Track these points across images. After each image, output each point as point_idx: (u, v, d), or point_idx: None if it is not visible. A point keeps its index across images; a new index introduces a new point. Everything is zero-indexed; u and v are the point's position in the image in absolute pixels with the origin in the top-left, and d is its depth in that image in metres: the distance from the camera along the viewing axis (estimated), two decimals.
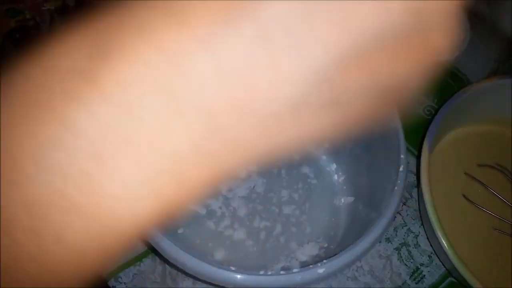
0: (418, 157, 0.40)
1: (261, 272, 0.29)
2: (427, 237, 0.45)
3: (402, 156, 0.34)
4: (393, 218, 0.33)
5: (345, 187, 0.46)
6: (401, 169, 0.34)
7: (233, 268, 0.29)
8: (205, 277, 0.30)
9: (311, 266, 0.29)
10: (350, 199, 0.45)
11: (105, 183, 0.12)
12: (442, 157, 0.46)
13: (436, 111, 0.43)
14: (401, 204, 0.47)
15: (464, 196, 0.44)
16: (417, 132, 0.49)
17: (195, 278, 0.40)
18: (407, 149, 0.50)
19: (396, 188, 0.33)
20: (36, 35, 0.50)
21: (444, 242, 0.37)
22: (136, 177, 0.12)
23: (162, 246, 0.31)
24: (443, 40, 0.14)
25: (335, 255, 0.30)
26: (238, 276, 0.29)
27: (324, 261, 0.30)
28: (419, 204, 0.46)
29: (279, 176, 0.46)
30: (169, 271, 0.40)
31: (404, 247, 0.45)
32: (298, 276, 0.29)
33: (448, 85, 0.55)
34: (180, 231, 0.42)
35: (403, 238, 0.46)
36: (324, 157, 0.48)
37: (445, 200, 0.45)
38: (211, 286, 0.40)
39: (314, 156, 0.48)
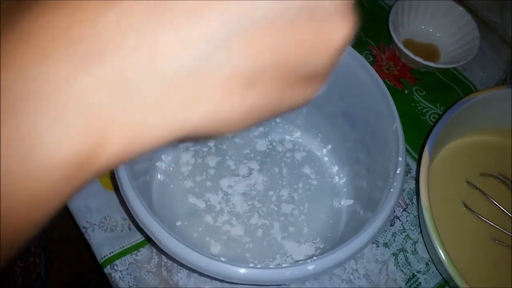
0: (419, 163, 0.40)
1: (251, 265, 0.29)
2: (425, 245, 0.45)
3: (400, 158, 0.34)
4: (387, 220, 0.33)
5: (345, 189, 0.46)
6: (398, 171, 0.34)
7: (223, 259, 0.29)
8: (188, 263, 0.30)
9: (301, 262, 0.30)
10: (350, 201, 0.45)
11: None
12: (444, 165, 0.46)
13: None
14: (401, 209, 0.47)
15: (464, 204, 0.44)
16: (421, 138, 0.49)
17: (190, 270, 0.41)
18: (411, 155, 0.50)
19: (392, 190, 0.33)
20: None
21: (440, 251, 0.37)
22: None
23: (160, 238, 0.31)
24: (337, 29, 0.15)
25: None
26: (227, 266, 0.29)
27: (315, 258, 0.30)
28: (418, 211, 0.46)
29: (280, 175, 0.46)
30: (165, 262, 0.41)
31: (401, 253, 0.45)
32: (288, 271, 0.30)
33: (455, 93, 0.55)
34: (178, 223, 0.42)
35: (401, 244, 0.46)
36: (326, 159, 0.48)
37: (445, 208, 0.44)
38: (205, 278, 0.40)
39: (317, 157, 0.48)
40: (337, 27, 0.15)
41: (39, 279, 0.51)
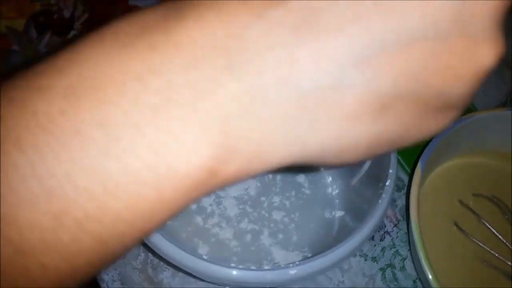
0: (412, 178, 0.40)
1: (232, 265, 0.29)
2: (413, 262, 0.45)
3: (390, 170, 0.34)
4: (373, 231, 0.33)
5: (337, 201, 0.46)
6: (387, 183, 0.34)
7: (204, 257, 0.29)
8: (176, 262, 0.30)
9: (283, 265, 0.30)
10: (341, 213, 0.45)
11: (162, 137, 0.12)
12: (437, 183, 0.46)
13: None
14: (392, 225, 0.47)
15: (455, 224, 0.44)
16: (415, 155, 0.49)
17: (175, 269, 0.41)
18: (406, 171, 0.50)
19: (380, 201, 0.33)
20: (58, 20, 0.52)
21: (426, 268, 0.37)
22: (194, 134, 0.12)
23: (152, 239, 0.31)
24: (488, 48, 0.13)
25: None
26: (209, 265, 0.29)
27: (297, 262, 0.30)
28: (408, 227, 0.46)
29: (274, 181, 0.47)
30: (151, 260, 0.41)
31: (389, 268, 0.45)
32: (269, 274, 0.30)
33: None
34: (168, 222, 0.42)
35: (390, 260, 0.45)
36: (321, 169, 0.48)
37: (436, 226, 0.44)
38: (190, 278, 0.40)
39: (312, 167, 0.48)
40: (487, 51, 0.13)
41: None
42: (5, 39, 0.49)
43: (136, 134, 0.12)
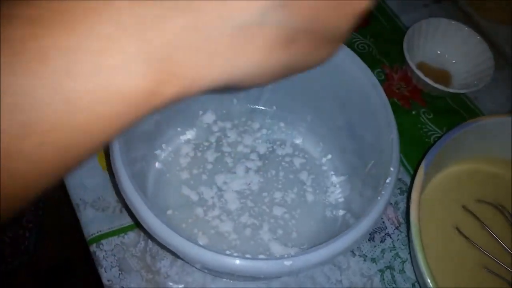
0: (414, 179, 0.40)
1: (227, 252, 0.29)
2: (412, 265, 0.44)
3: (392, 169, 0.34)
4: (370, 227, 0.33)
5: (339, 200, 0.46)
6: (388, 180, 0.34)
7: (200, 243, 0.29)
8: (176, 250, 0.31)
9: (278, 256, 0.30)
10: (342, 212, 0.45)
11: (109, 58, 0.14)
12: (440, 188, 0.46)
13: None
14: (394, 227, 0.47)
15: (457, 229, 0.44)
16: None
17: (173, 258, 0.41)
18: (410, 174, 0.50)
19: (379, 198, 0.33)
20: None
21: (424, 270, 0.36)
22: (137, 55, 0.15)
23: (150, 223, 0.31)
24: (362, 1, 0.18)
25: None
26: (205, 252, 0.29)
27: (292, 253, 0.30)
28: (408, 230, 0.45)
29: (277, 178, 0.47)
30: (150, 248, 0.41)
31: (388, 270, 0.45)
32: (264, 264, 0.30)
33: (463, 119, 0.54)
34: (169, 212, 0.43)
35: (389, 262, 0.45)
36: (324, 168, 0.48)
37: (437, 230, 0.44)
38: (187, 267, 0.41)
39: (315, 165, 0.48)
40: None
41: (26, 253, 0.52)
42: None
43: (91, 59, 0.14)
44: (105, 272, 0.39)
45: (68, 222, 0.58)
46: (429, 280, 0.36)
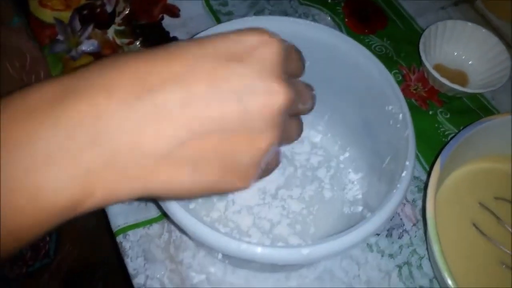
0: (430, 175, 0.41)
1: (246, 239, 0.30)
2: (430, 262, 0.45)
3: (407, 163, 0.35)
4: (388, 218, 0.34)
5: (357, 197, 0.47)
6: (404, 174, 0.35)
7: (222, 231, 0.31)
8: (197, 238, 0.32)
9: (295, 245, 0.31)
10: (360, 208, 0.46)
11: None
12: (457, 185, 0.46)
13: None
14: (411, 224, 0.48)
15: (475, 225, 0.44)
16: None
17: (196, 248, 0.43)
18: (427, 173, 0.50)
19: (395, 190, 0.34)
20: (100, 14, 0.55)
21: (443, 267, 0.37)
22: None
23: (177, 214, 0.33)
24: (263, 139, 0.21)
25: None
26: (227, 240, 0.30)
27: (310, 242, 0.31)
28: (425, 226, 0.46)
29: (295, 175, 0.48)
30: (174, 240, 0.43)
31: (406, 266, 0.45)
32: (280, 252, 0.31)
33: (479, 118, 0.55)
34: (191, 206, 0.44)
35: (407, 258, 0.46)
36: (342, 165, 0.49)
37: (454, 227, 0.44)
38: (209, 259, 0.42)
39: (333, 163, 0.49)
40: (263, 141, 0.21)
41: (47, 256, 0.54)
42: (52, 29, 0.53)
43: (25, 176, 0.17)
44: (131, 261, 0.41)
45: (89, 224, 0.60)
46: (446, 274, 0.37)
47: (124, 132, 0.18)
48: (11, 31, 0.46)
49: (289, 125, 0.25)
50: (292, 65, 0.24)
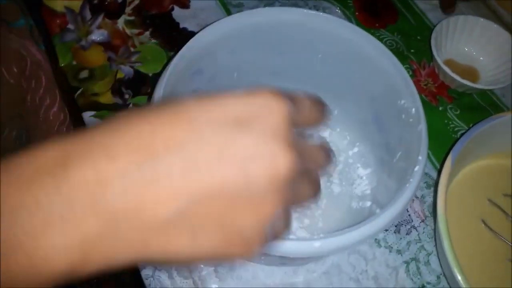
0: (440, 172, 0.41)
1: None
2: (438, 258, 0.45)
3: (420, 157, 0.35)
4: (401, 212, 0.33)
5: (366, 192, 0.47)
6: (416, 168, 0.34)
7: None
8: None
9: (307, 237, 0.31)
10: (368, 203, 0.46)
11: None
12: (466, 181, 0.46)
13: None
14: (420, 220, 0.48)
15: (483, 222, 0.44)
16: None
17: None
18: (436, 168, 0.50)
19: (407, 185, 0.34)
20: (111, 4, 0.55)
21: (453, 263, 0.37)
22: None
23: None
24: (265, 206, 0.21)
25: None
26: None
27: (321, 235, 0.31)
28: (435, 223, 0.46)
29: None
30: None
31: (414, 262, 0.45)
32: (292, 244, 0.31)
33: (489, 116, 0.54)
34: None
35: (415, 254, 0.46)
36: (351, 160, 0.49)
37: (463, 223, 0.44)
38: None
39: (342, 158, 0.49)
40: (266, 208, 0.21)
41: None
42: (63, 18, 0.53)
43: (23, 241, 0.17)
44: None
45: None
46: (455, 270, 0.37)
47: (124, 199, 0.19)
48: (12, 32, 0.45)
49: (300, 187, 0.24)
50: (305, 118, 0.24)
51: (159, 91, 0.37)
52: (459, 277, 0.37)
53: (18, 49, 0.45)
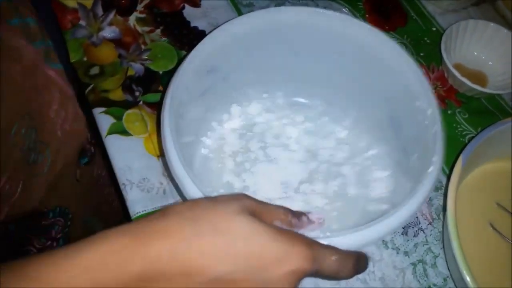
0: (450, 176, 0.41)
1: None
2: (446, 260, 0.45)
3: (434, 158, 0.35)
4: (414, 211, 0.33)
5: (382, 195, 0.46)
6: (430, 170, 0.35)
7: None
8: None
9: (320, 233, 0.31)
10: (384, 206, 0.45)
11: None
12: (475, 184, 0.46)
13: None
14: (427, 223, 0.48)
15: (491, 225, 0.44)
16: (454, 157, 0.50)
17: None
18: (444, 172, 0.50)
19: (420, 185, 0.34)
20: (123, 1, 0.55)
21: (461, 264, 0.37)
22: None
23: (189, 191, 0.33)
24: None
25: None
26: None
27: (328, 233, 0.31)
28: (443, 224, 0.46)
29: (317, 170, 0.47)
30: None
31: (421, 264, 0.46)
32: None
33: (497, 120, 0.55)
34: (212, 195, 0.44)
35: (422, 256, 0.46)
36: (368, 162, 0.48)
37: (471, 227, 0.45)
38: None
39: (358, 160, 0.48)
40: None
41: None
42: (75, 13, 0.53)
43: None
44: None
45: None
46: (464, 271, 0.37)
47: None
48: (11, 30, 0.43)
49: None
50: (328, 271, 0.26)
51: (173, 87, 0.37)
52: (468, 278, 0.37)
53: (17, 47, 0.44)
